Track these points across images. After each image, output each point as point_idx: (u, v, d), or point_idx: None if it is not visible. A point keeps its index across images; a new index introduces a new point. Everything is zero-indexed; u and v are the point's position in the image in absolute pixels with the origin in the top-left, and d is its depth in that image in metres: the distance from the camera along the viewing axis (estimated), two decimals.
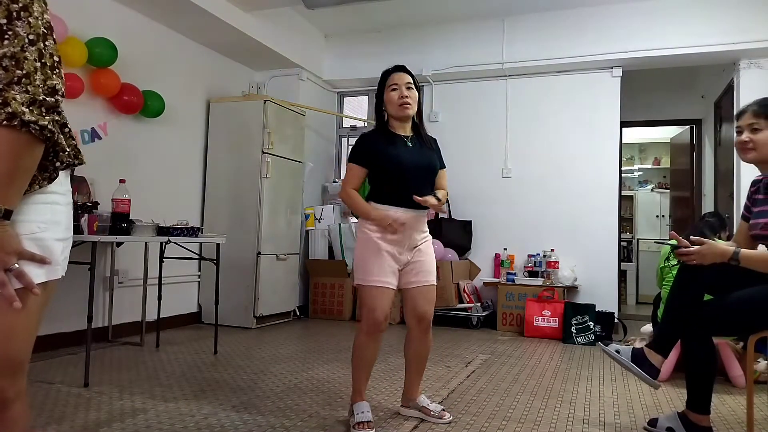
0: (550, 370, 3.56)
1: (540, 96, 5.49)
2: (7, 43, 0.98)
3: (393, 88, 2.39)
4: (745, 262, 2.08)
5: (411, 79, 2.43)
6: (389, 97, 2.40)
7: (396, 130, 2.44)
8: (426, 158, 2.43)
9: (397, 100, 2.37)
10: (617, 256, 5.23)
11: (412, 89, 2.41)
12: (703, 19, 4.80)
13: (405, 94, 2.37)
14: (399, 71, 2.43)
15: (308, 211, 5.66)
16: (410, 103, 2.39)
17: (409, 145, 2.41)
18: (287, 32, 5.38)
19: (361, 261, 2.35)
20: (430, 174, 2.45)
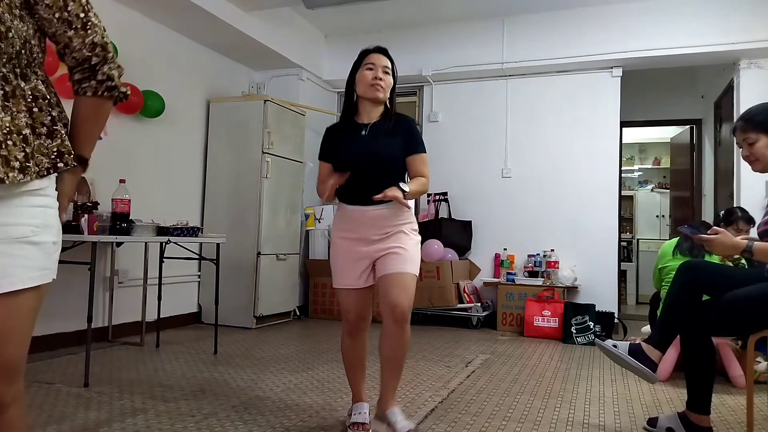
0: (550, 370, 3.56)
1: (540, 96, 5.49)
2: (90, 32, 1.17)
3: (369, 68, 2.20)
4: (758, 254, 2.07)
5: (390, 64, 2.24)
6: (362, 75, 2.21)
7: (360, 117, 2.26)
8: (382, 147, 2.18)
9: (370, 80, 2.18)
10: (617, 256, 5.23)
11: (388, 74, 2.22)
12: (703, 19, 4.80)
13: (379, 76, 2.18)
14: (379, 52, 2.24)
15: (308, 211, 5.66)
16: (382, 86, 2.19)
17: (364, 134, 2.21)
18: (287, 32, 5.38)
19: (331, 264, 2.34)
20: (389, 163, 2.20)
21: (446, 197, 5.66)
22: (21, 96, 1.07)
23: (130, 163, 4.18)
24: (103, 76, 1.19)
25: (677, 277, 2.35)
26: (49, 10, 1.10)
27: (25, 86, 1.08)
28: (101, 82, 1.20)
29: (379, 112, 2.26)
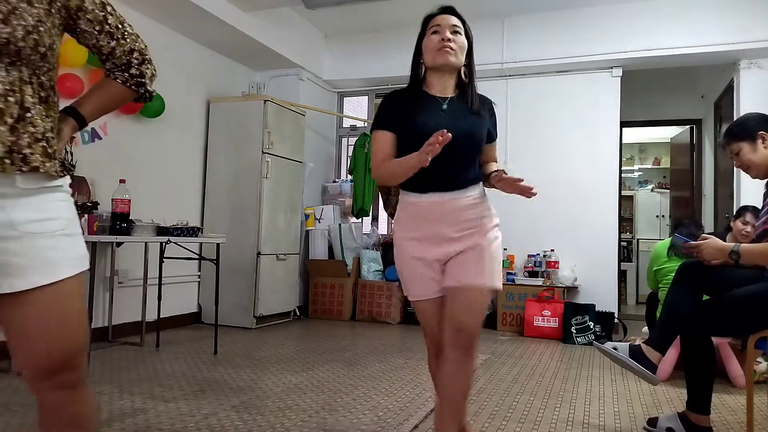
0: (550, 370, 3.56)
1: (540, 96, 5.49)
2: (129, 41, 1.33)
3: (435, 31, 1.85)
4: (746, 256, 2.08)
5: (460, 23, 1.88)
6: (428, 41, 1.85)
7: (432, 90, 1.88)
8: (466, 125, 1.83)
9: (437, 44, 1.81)
10: (617, 256, 5.23)
11: (459, 34, 1.85)
12: (703, 19, 4.80)
13: (448, 37, 1.82)
14: (445, 12, 1.89)
15: (308, 211, 5.66)
16: (453, 48, 1.82)
17: (445, 109, 1.84)
18: (287, 32, 5.38)
19: (399, 275, 1.91)
20: (472, 146, 1.85)
21: None
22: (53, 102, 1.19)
23: (130, 163, 4.18)
24: (136, 71, 1.33)
25: (677, 278, 2.35)
26: (90, 24, 1.24)
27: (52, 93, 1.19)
28: (133, 76, 1.33)
29: (453, 84, 1.92)
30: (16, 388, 2.81)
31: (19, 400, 2.61)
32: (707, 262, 2.19)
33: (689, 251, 2.26)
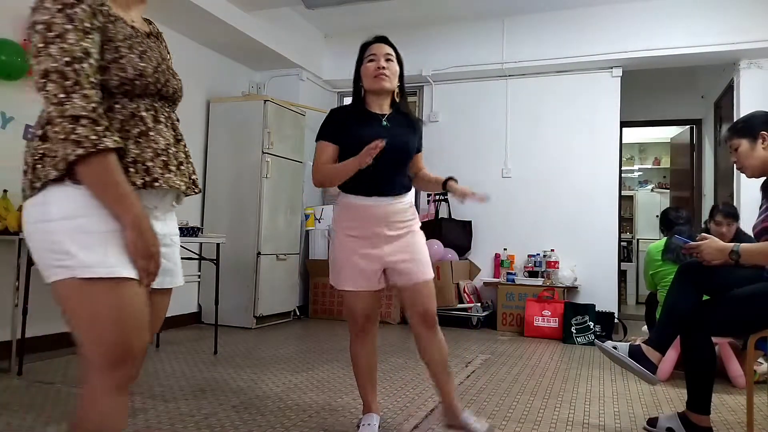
0: (550, 370, 3.56)
1: (540, 96, 5.49)
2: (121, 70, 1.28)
3: (370, 59, 2.13)
4: (746, 256, 2.08)
5: (392, 51, 2.17)
6: (365, 68, 2.14)
7: (371, 108, 2.18)
8: (401, 140, 2.13)
9: (373, 71, 2.11)
10: (617, 256, 5.23)
11: (392, 62, 2.15)
12: (703, 19, 4.80)
13: (382, 65, 2.11)
14: (379, 42, 2.17)
15: (308, 211, 5.66)
16: (387, 74, 2.12)
17: (385, 125, 2.14)
18: (287, 32, 5.38)
19: (332, 263, 2.22)
20: (405, 156, 2.19)
21: (446, 197, 5.65)
22: None
23: None
24: None
25: (677, 278, 2.35)
26: None
27: None
28: None
29: (389, 103, 2.21)
30: (16, 388, 2.81)
31: (19, 400, 2.61)
32: (707, 263, 2.19)
33: (689, 252, 2.26)
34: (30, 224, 1.18)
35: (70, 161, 1.10)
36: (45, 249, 1.15)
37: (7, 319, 3.16)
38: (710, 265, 2.19)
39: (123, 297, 1.16)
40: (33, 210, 1.17)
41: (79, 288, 1.14)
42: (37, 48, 1.11)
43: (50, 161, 1.13)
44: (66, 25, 1.11)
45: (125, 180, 1.16)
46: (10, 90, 3.36)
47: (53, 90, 1.10)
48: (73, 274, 1.13)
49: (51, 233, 1.14)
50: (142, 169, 1.22)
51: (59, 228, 1.14)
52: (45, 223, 1.15)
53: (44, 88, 1.11)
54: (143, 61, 1.25)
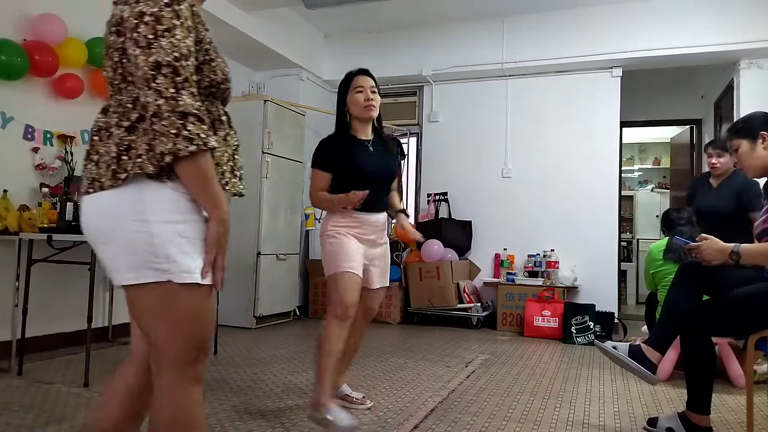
0: (550, 370, 3.56)
1: (540, 96, 5.49)
2: None
3: (358, 91, 2.44)
4: (746, 257, 2.08)
5: (375, 84, 2.49)
6: (354, 98, 2.44)
7: (358, 134, 2.49)
8: (387, 164, 2.53)
9: (363, 102, 2.42)
10: (617, 256, 5.23)
11: (376, 93, 2.48)
12: (703, 19, 4.80)
13: (370, 97, 2.43)
14: (364, 74, 2.48)
15: (308, 211, 5.66)
16: (375, 105, 2.45)
17: (371, 150, 2.48)
18: (287, 32, 5.38)
19: (331, 252, 2.39)
20: (390, 180, 2.56)
21: (446, 197, 5.66)
22: None
23: None
24: None
25: (677, 278, 2.35)
26: None
27: None
28: None
29: (371, 129, 2.54)
30: (16, 388, 2.81)
31: (19, 400, 2.61)
32: (707, 263, 2.19)
33: (690, 253, 2.27)
34: (118, 219, 1.15)
35: (180, 157, 1.09)
36: (142, 249, 1.14)
37: (7, 319, 3.16)
38: (710, 265, 2.19)
39: (208, 302, 1.21)
40: (120, 203, 1.15)
41: (174, 291, 1.15)
42: (147, 39, 1.09)
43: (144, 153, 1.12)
44: (174, 20, 1.12)
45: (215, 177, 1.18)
46: (10, 90, 3.36)
47: (164, 84, 1.09)
48: (171, 278, 1.14)
49: (152, 235, 1.13)
50: (219, 172, 1.25)
51: (161, 231, 1.14)
52: (144, 223, 1.14)
53: (154, 80, 1.09)
54: (227, 66, 1.31)
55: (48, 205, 3.27)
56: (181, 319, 1.18)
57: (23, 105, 3.44)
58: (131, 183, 1.14)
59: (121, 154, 1.15)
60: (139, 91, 1.12)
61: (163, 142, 1.09)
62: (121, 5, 1.15)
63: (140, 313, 1.22)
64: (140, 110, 1.14)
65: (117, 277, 1.19)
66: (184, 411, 1.21)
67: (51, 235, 3.00)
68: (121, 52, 1.16)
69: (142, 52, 1.10)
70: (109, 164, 1.16)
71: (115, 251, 1.17)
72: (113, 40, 1.18)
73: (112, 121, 1.19)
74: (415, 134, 6.01)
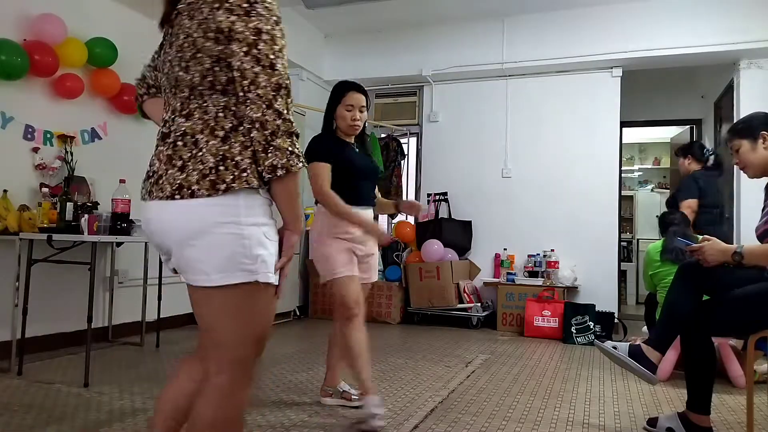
0: (550, 370, 3.56)
1: (540, 96, 5.49)
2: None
3: (348, 108, 2.53)
4: (749, 257, 2.08)
5: (365, 102, 2.58)
6: (342, 113, 2.53)
7: (342, 137, 2.60)
8: (372, 162, 2.67)
9: (349, 121, 2.53)
10: (617, 256, 5.23)
11: (364, 112, 2.57)
12: (703, 19, 4.80)
13: (357, 118, 2.53)
14: (356, 91, 2.55)
15: (308, 211, 5.64)
16: (359, 125, 2.57)
17: (356, 150, 2.61)
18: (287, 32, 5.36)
19: (323, 258, 2.51)
20: (376, 176, 2.68)
21: (446, 197, 5.66)
22: None
23: (130, 163, 4.16)
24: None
25: (677, 279, 2.35)
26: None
27: None
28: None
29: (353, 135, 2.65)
30: (16, 388, 2.81)
31: (19, 400, 2.61)
32: (708, 264, 2.19)
33: (692, 254, 2.27)
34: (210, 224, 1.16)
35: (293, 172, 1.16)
36: (233, 251, 1.17)
37: (7, 319, 3.16)
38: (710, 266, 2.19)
39: (274, 302, 1.27)
40: (213, 210, 1.16)
41: (256, 291, 1.19)
42: (269, 59, 1.15)
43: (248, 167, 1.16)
44: (283, 40, 1.19)
45: None
46: (10, 90, 3.36)
47: (282, 105, 1.15)
48: (256, 278, 1.18)
49: (243, 237, 1.17)
50: None
51: (251, 233, 1.18)
52: (236, 225, 1.17)
53: (276, 101, 1.14)
54: None
55: (48, 205, 3.27)
56: (254, 317, 1.23)
57: (23, 105, 3.44)
58: (231, 193, 1.16)
59: (218, 164, 1.16)
60: (253, 105, 1.14)
61: (278, 156, 1.14)
62: (224, 12, 1.15)
63: (217, 311, 1.21)
64: (233, 120, 1.18)
65: (201, 279, 1.19)
66: (236, 410, 1.24)
67: (51, 235, 3.01)
68: (216, 60, 1.17)
69: (263, 71, 1.14)
70: (205, 174, 1.16)
71: (204, 253, 1.17)
72: (209, 47, 1.17)
73: (198, 127, 1.19)
74: (415, 134, 6.01)
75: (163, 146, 1.24)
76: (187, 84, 1.21)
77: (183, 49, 1.20)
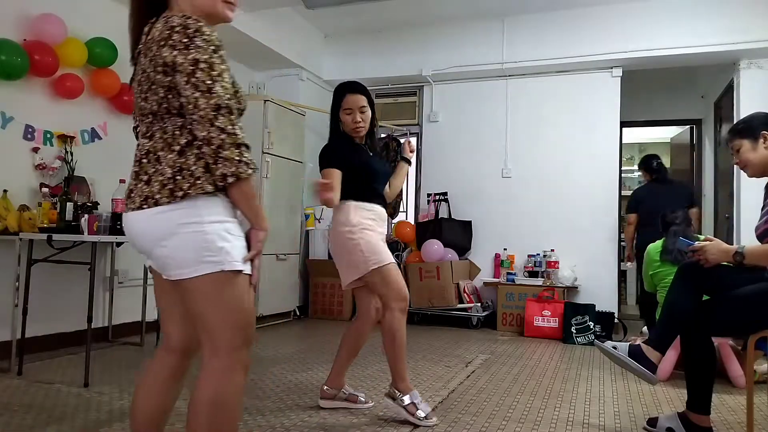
0: (550, 370, 3.56)
1: (540, 96, 5.49)
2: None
3: (348, 112, 2.52)
4: (750, 257, 2.09)
5: (365, 101, 2.54)
6: (344, 118, 2.54)
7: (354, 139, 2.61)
8: (384, 164, 2.74)
9: (351, 125, 2.53)
10: (617, 256, 5.23)
11: (365, 112, 2.54)
12: (703, 19, 4.80)
13: (358, 120, 2.52)
14: (354, 93, 2.53)
15: (308, 211, 5.66)
16: (363, 126, 2.55)
17: (369, 153, 2.62)
18: (287, 32, 5.38)
19: (369, 246, 2.43)
20: (388, 177, 2.70)
21: (446, 197, 5.66)
22: None
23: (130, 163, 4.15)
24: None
25: (677, 278, 2.35)
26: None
27: None
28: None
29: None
30: (16, 387, 2.81)
31: (19, 400, 2.61)
32: (709, 264, 2.19)
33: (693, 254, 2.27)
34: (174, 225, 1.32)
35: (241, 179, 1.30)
36: (197, 247, 1.32)
37: (7, 319, 3.16)
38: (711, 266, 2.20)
39: (249, 289, 1.40)
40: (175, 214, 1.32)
41: (225, 280, 1.34)
42: (206, 84, 1.29)
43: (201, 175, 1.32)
44: (221, 65, 1.32)
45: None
46: (10, 90, 3.36)
47: (224, 122, 1.29)
48: (222, 268, 1.32)
49: (205, 233, 1.32)
50: None
51: (213, 228, 1.33)
52: (198, 224, 1.32)
53: (216, 119, 1.29)
54: None
55: (48, 205, 3.27)
56: (231, 303, 1.35)
57: (23, 105, 3.44)
58: (188, 199, 1.32)
59: (176, 174, 1.33)
60: (198, 125, 1.30)
61: (227, 166, 1.29)
62: (168, 48, 1.32)
63: (196, 302, 1.36)
64: (188, 136, 1.34)
65: (175, 273, 1.36)
66: (230, 395, 1.36)
67: (51, 235, 3.01)
68: (168, 90, 1.34)
69: (202, 96, 1.29)
70: (164, 183, 1.34)
71: (173, 250, 1.34)
72: (160, 79, 1.34)
73: (159, 145, 1.37)
74: (415, 134, 6.00)
75: (134, 166, 1.46)
76: (149, 111, 1.38)
77: (141, 83, 1.40)
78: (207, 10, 1.44)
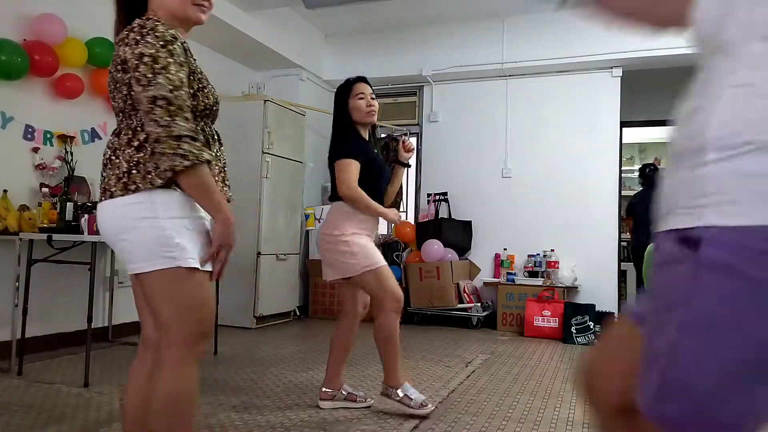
0: (550, 370, 3.56)
1: (540, 96, 5.49)
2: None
3: (360, 97, 2.55)
4: None
5: (372, 91, 2.63)
6: (356, 104, 2.55)
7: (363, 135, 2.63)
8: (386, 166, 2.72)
9: (365, 108, 2.55)
10: (617, 256, 5.23)
11: (375, 100, 2.61)
12: None
13: (371, 103, 2.57)
14: (363, 82, 2.60)
15: (308, 211, 5.66)
16: (375, 111, 2.60)
17: (375, 150, 2.65)
18: (287, 32, 5.38)
19: (362, 249, 2.46)
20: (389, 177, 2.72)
21: (446, 197, 5.66)
22: None
23: None
24: None
25: None
26: None
27: None
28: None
29: (368, 133, 2.66)
30: (16, 387, 2.81)
31: (19, 400, 2.61)
32: None
33: None
34: (132, 219, 1.35)
35: (177, 171, 1.30)
36: (153, 242, 1.34)
37: (7, 319, 3.16)
38: None
39: (208, 286, 1.42)
40: (133, 208, 1.35)
41: (181, 276, 1.35)
42: (146, 77, 1.31)
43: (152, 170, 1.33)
44: (168, 59, 1.33)
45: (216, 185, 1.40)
46: (10, 90, 3.36)
47: (160, 114, 1.30)
48: (179, 264, 1.34)
49: (162, 228, 1.34)
50: None
51: (170, 225, 1.35)
52: (155, 220, 1.34)
53: (152, 111, 1.30)
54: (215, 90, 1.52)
55: (48, 205, 3.27)
56: (186, 300, 1.37)
57: (23, 105, 3.44)
58: (142, 192, 1.34)
59: (131, 169, 1.35)
60: (145, 122, 1.32)
61: (163, 160, 1.30)
62: (123, 46, 1.35)
63: (153, 296, 1.39)
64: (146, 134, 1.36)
65: (133, 267, 1.38)
66: (185, 384, 1.41)
67: (51, 235, 3.01)
68: (129, 87, 1.36)
69: (143, 90, 1.31)
70: (119, 177, 1.36)
71: (131, 245, 1.37)
72: (120, 77, 1.37)
73: (123, 141, 1.40)
74: (415, 134, 6.01)
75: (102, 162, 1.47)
76: (119, 109, 1.42)
77: (109, 83, 1.44)
78: (178, 13, 1.47)
